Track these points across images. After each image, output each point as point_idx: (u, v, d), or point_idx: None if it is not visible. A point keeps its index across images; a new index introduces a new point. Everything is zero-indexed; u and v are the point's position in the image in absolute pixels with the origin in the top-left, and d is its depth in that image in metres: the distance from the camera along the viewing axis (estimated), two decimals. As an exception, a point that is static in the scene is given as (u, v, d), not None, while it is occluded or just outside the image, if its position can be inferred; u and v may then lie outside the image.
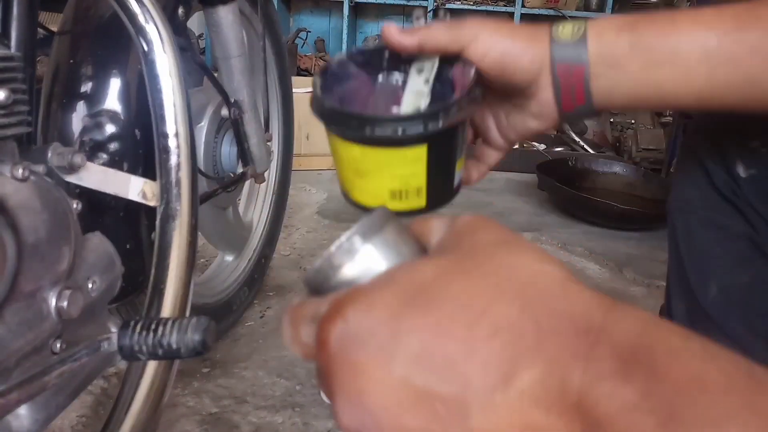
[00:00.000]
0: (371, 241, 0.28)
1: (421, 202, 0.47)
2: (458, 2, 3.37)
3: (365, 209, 0.43)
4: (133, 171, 0.80)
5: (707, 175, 0.64)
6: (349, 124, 0.45)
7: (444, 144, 0.46)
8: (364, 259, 0.28)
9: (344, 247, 0.28)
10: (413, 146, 0.45)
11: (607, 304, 0.24)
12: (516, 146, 2.85)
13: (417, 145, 0.45)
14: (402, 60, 0.51)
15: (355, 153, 0.46)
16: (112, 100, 0.86)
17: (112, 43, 0.87)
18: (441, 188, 0.48)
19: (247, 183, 1.44)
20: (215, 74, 1.13)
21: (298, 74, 3.33)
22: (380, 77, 0.53)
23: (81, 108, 0.85)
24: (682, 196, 0.68)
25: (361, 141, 0.45)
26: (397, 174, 0.46)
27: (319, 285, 0.28)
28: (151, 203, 0.66)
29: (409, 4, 3.44)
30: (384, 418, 0.24)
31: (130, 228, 0.88)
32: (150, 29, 0.64)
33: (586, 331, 0.23)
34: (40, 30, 0.69)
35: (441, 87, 0.49)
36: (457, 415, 0.23)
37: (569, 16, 3.26)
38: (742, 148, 0.61)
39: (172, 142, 0.65)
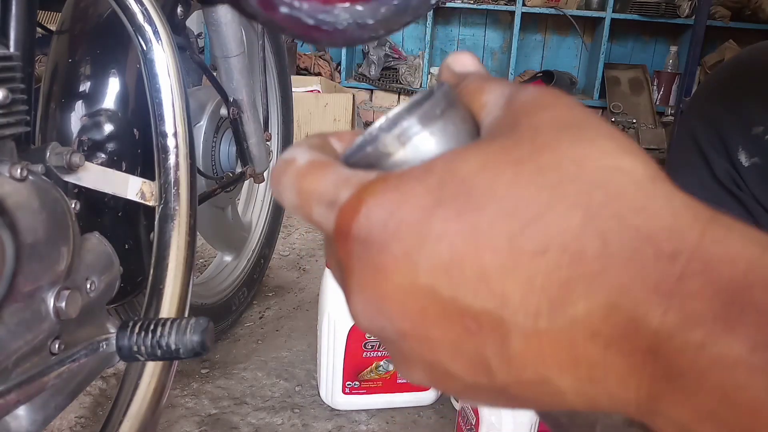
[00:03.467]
0: (430, 128, 0.23)
1: None
2: (459, 0, 3.37)
3: None
4: (131, 171, 0.80)
5: (707, 163, 0.63)
6: None
7: None
8: (418, 148, 0.23)
9: (397, 132, 0.23)
10: None
11: (705, 217, 0.18)
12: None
13: None
14: None
15: None
16: (111, 99, 0.85)
17: (111, 42, 0.87)
18: None
19: (246, 183, 1.44)
20: (214, 73, 1.13)
21: (298, 73, 3.33)
22: None
23: (79, 107, 0.85)
24: (680, 182, 0.67)
25: None
26: None
27: (356, 165, 0.24)
28: (150, 203, 0.66)
29: (408, 3, 3.43)
30: (406, 328, 0.21)
31: (129, 228, 0.88)
32: (149, 28, 0.63)
33: (672, 256, 0.17)
34: (38, 29, 0.69)
35: None
36: (492, 334, 0.19)
37: (570, 16, 3.25)
38: (745, 135, 0.60)
39: (170, 142, 0.65)
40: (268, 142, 1.27)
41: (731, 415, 0.16)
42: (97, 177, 0.61)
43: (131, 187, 0.65)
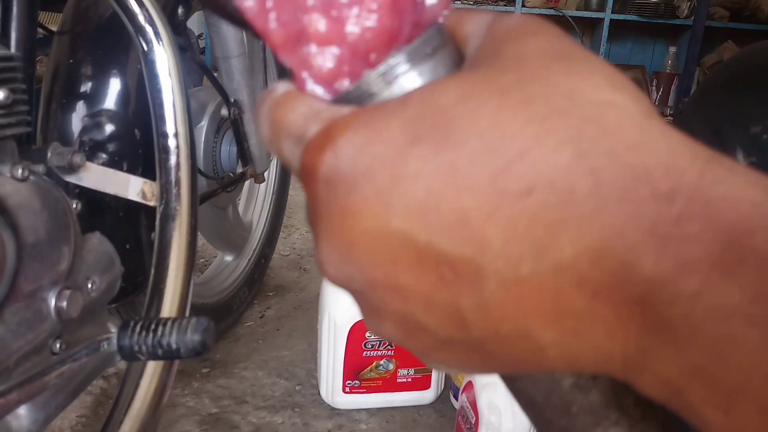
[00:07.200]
0: (418, 67, 0.21)
1: None
2: (458, 2, 3.37)
3: None
4: (132, 171, 0.80)
5: None
6: None
7: None
8: (404, 88, 0.21)
9: (382, 70, 0.21)
10: None
11: (704, 156, 0.16)
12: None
13: None
14: None
15: None
16: (112, 99, 0.86)
17: (112, 43, 0.87)
18: None
19: (247, 183, 1.44)
20: (215, 74, 1.13)
21: (298, 74, 3.33)
22: None
23: (80, 108, 0.85)
24: None
25: None
26: None
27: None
28: (151, 203, 0.66)
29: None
30: (377, 276, 0.19)
31: (130, 228, 0.88)
32: (149, 29, 0.64)
33: (669, 196, 0.16)
34: (39, 30, 0.69)
35: None
36: (469, 282, 0.18)
37: (569, 16, 3.26)
38: (743, 134, 0.60)
39: (171, 142, 0.65)
40: (268, 143, 1.27)
41: (723, 371, 0.15)
42: (98, 177, 0.61)
43: (132, 188, 0.65)
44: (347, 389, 1.04)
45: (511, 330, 0.18)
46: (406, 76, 0.21)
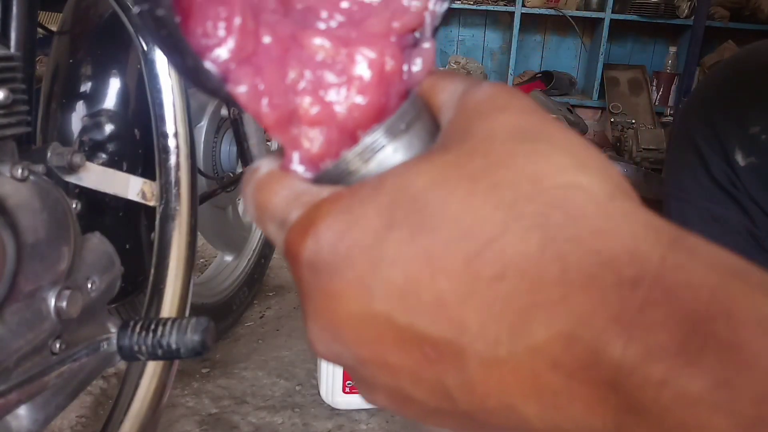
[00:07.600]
0: (393, 143, 0.22)
1: None
2: (458, 1, 3.37)
3: None
4: (132, 171, 0.80)
5: (704, 163, 0.63)
6: None
7: None
8: (382, 164, 0.22)
9: (359, 150, 0.22)
10: None
11: (667, 239, 0.17)
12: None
13: None
14: None
15: None
16: (112, 99, 0.86)
17: (112, 42, 0.87)
18: None
19: (247, 183, 1.44)
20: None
21: (298, 74, 3.32)
22: None
23: (80, 108, 0.85)
24: (678, 182, 0.67)
25: None
26: None
27: (323, 183, 0.23)
28: (151, 203, 0.66)
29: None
30: (364, 354, 0.20)
31: (130, 228, 0.88)
32: (149, 29, 0.64)
33: (633, 283, 0.16)
34: (39, 30, 0.69)
35: None
36: (451, 362, 0.18)
37: (569, 16, 3.26)
38: (741, 135, 0.60)
39: (171, 142, 0.65)
40: (268, 142, 1.28)
41: None
42: (98, 177, 0.61)
43: (132, 188, 0.65)
44: (347, 389, 1.04)
45: (496, 404, 0.19)
46: (383, 152, 0.22)
